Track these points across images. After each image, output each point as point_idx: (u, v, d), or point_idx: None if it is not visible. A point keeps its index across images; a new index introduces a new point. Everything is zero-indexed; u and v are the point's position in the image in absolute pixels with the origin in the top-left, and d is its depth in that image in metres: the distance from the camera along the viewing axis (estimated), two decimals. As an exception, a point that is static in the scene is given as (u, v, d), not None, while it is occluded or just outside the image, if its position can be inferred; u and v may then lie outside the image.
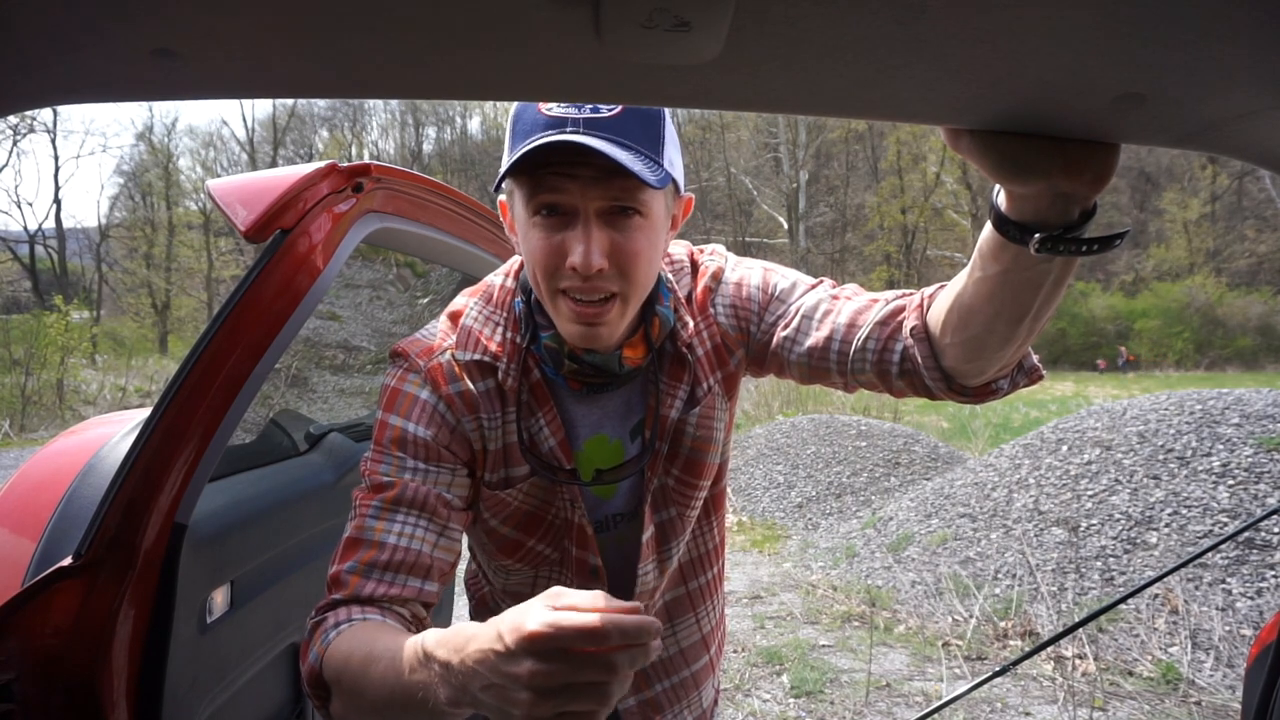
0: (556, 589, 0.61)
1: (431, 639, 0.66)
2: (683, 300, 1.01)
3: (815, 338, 0.94)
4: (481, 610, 1.18)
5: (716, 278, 1.03)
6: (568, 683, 0.56)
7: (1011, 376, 0.88)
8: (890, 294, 0.94)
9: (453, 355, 0.96)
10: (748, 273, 1.03)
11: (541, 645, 0.56)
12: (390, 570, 0.84)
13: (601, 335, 0.89)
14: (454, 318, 0.99)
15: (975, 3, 0.41)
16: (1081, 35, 0.44)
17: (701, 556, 1.12)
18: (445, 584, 0.90)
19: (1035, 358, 0.89)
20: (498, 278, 1.03)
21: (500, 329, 0.97)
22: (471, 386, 0.94)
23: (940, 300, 0.84)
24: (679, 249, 1.07)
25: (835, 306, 0.95)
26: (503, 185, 0.91)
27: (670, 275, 1.03)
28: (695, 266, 1.06)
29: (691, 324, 1.00)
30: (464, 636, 0.62)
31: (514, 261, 1.04)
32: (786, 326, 0.97)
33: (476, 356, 0.95)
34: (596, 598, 0.59)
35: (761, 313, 1.00)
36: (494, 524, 1.00)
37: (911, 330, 0.87)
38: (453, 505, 0.91)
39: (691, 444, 1.01)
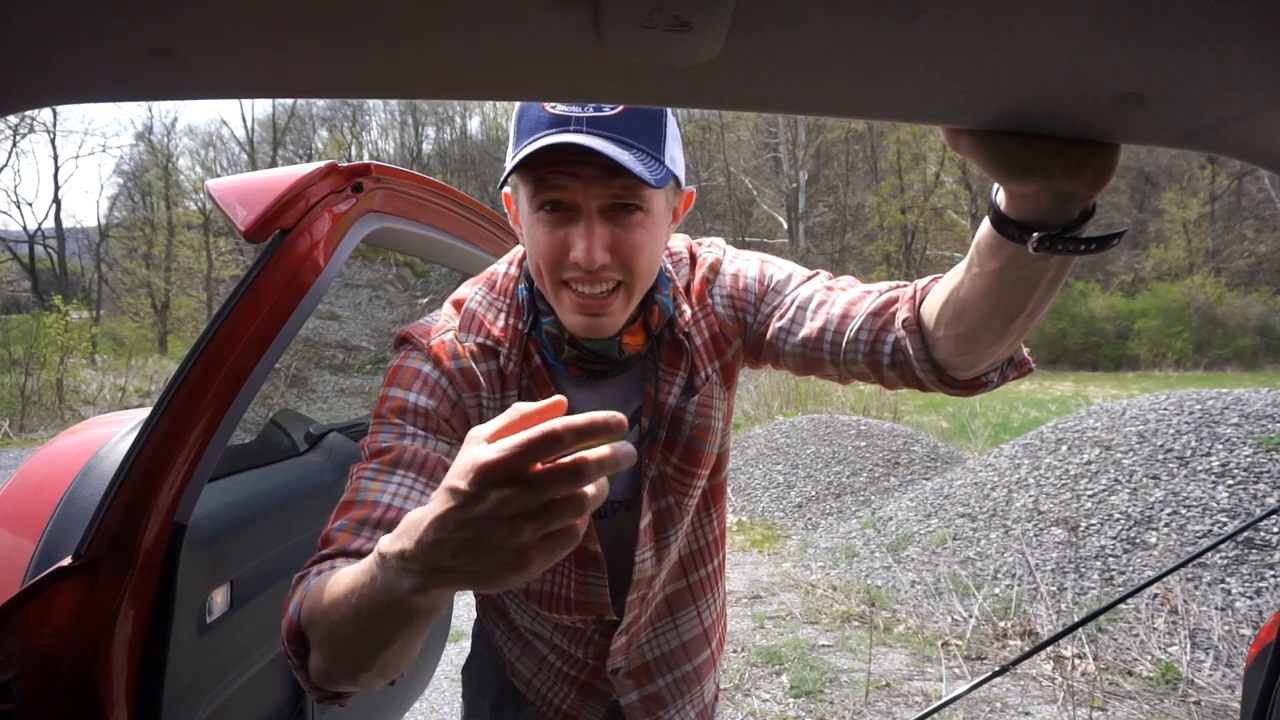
0: (473, 430, 0.58)
1: (385, 540, 0.62)
2: (681, 290, 1.03)
3: (809, 329, 0.95)
4: (487, 605, 1.19)
5: (714, 269, 1.05)
6: (541, 501, 0.52)
7: (1002, 369, 0.88)
8: (884, 285, 0.94)
9: (456, 336, 0.97)
10: (745, 264, 1.04)
11: (502, 472, 0.52)
12: (381, 528, 0.81)
13: (605, 325, 0.91)
14: (457, 304, 1.01)
15: (975, 3, 0.41)
16: (1081, 35, 0.44)
17: (702, 549, 1.12)
18: None
19: (1025, 350, 0.89)
20: (501, 265, 1.04)
21: (503, 315, 0.99)
22: (473, 365, 0.96)
23: (934, 293, 0.84)
24: (678, 242, 1.09)
25: (829, 298, 0.96)
26: (508, 180, 0.92)
27: (669, 265, 1.04)
28: (693, 258, 1.07)
29: (689, 312, 1.02)
30: (414, 519, 0.58)
31: (517, 250, 1.05)
32: (782, 317, 0.98)
33: (479, 339, 0.97)
34: (517, 411, 0.56)
35: (758, 304, 1.01)
36: None
37: (904, 322, 0.87)
38: None
39: (690, 432, 1.02)
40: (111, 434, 1.37)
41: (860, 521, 5.60)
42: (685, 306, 1.02)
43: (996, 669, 1.86)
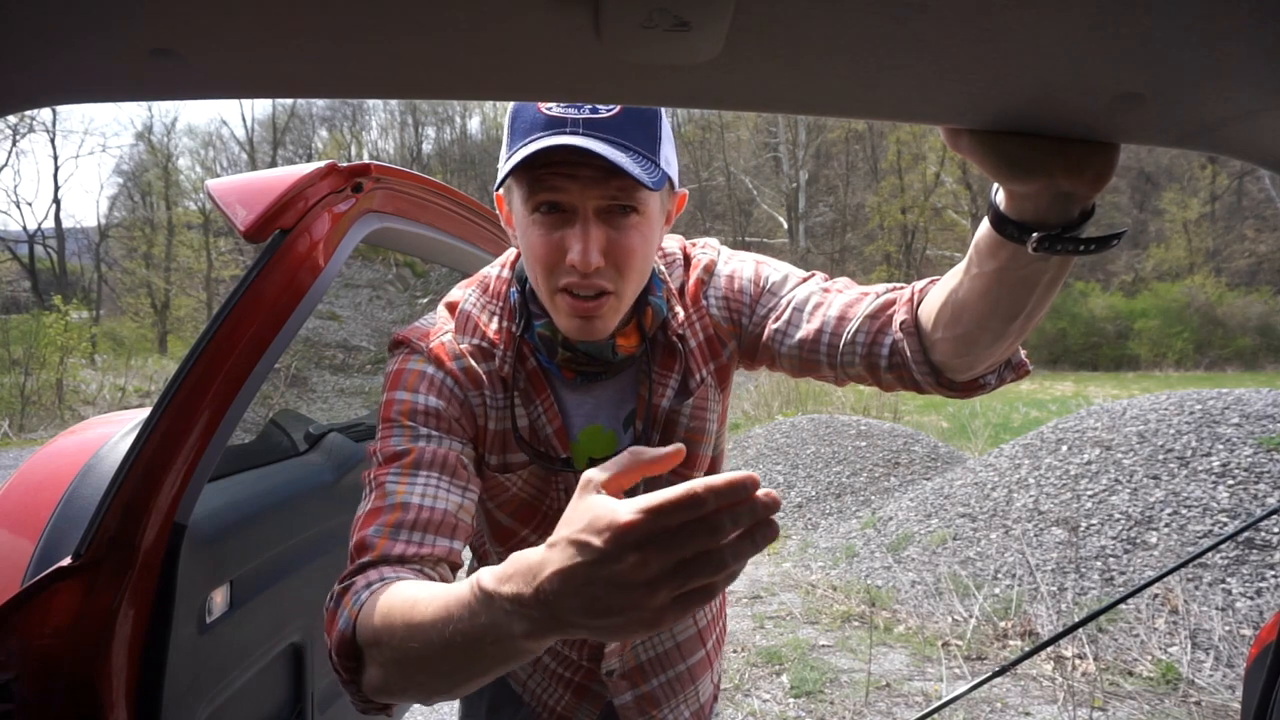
0: (586, 474, 0.56)
1: (488, 577, 0.59)
2: (675, 291, 1.02)
3: (806, 330, 0.95)
4: None
5: (709, 270, 1.04)
6: (678, 561, 0.50)
7: (999, 371, 0.88)
8: (881, 287, 0.94)
9: (453, 338, 0.97)
10: (740, 265, 1.04)
11: (641, 534, 0.50)
12: (418, 529, 0.81)
13: (596, 328, 0.91)
14: (451, 307, 1.01)
15: (975, 2, 0.41)
16: (1081, 35, 0.44)
17: None
18: (466, 544, 0.88)
19: (1022, 353, 0.89)
20: (493, 268, 1.04)
21: (496, 318, 0.99)
22: (474, 364, 0.96)
23: (932, 295, 0.84)
24: (672, 242, 1.08)
25: (826, 299, 0.96)
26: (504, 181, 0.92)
27: (663, 267, 1.04)
28: (688, 259, 1.07)
29: (682, 314, 1.01)
30: (530, 564, 0.56)
31: (509, 253, 1.05)
32: (777, 319, 0.98)
33: (475, 342, 0.97)
34: (635, 457, 0.56)
35: (753, 305, 1.01)
36: (491, 508, 1.02)
37: (901, 324, 0.87)
38: (469, 469, 0.91)
39: (685, 435, 1.02)
40: (111, 434, 1.37)
41: (860, 521, 5.60)
42: (679, 308, 1.01)
43: (996, 669, 1.86)
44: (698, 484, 0.51)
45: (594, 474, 0.56)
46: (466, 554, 1.13)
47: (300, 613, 1.65)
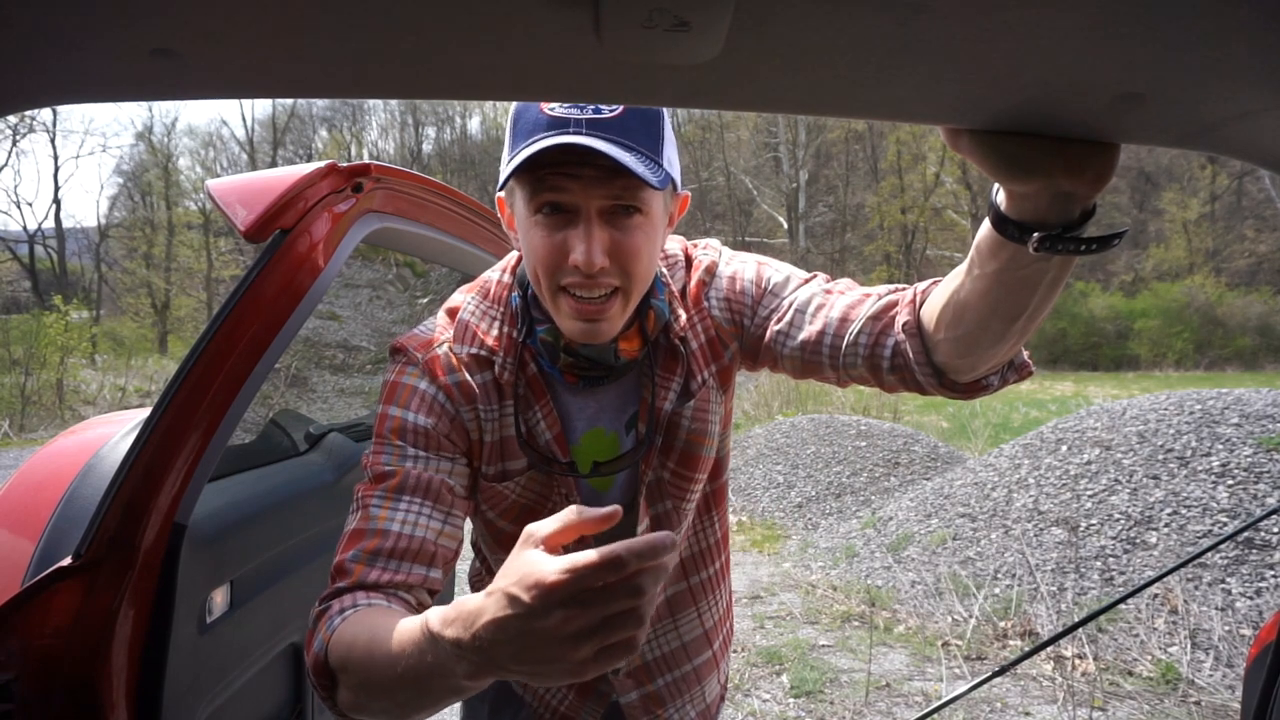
0: (528, 529, 0.61)
1: (435, 618, 0.65)
2: (676, 294, 1.02)
3: (808, 332, 0.95)
4: None
5: (710, 271, 1.04)
6: (602, 618, 0.56)
7: (1001, 373, 0.88)
8: (883, 288, 0.94)
9: (450, 348, 0.97)
10: (741, 267, 1.04)
11: (566, 593, 0.55)
12: (395, 557, 0.84)
13: (602, 331, 0.90)
14: (451, 313, 1.01)
15: (975, 2, 0.41)
16: (1081, 35, 0.44)
17: (703, 552, 1.12)
18: (448, 572, 0.90)
19: (1025, 353, 0.89)
20: (494, 273, 1.03)
21: (497, 324, 0.98)
22: (469, 378, 0.96)
23: (934, 296, 0.84)
24: (673, 244, 1.08)
25: (828, 301, 0.95)
26: (506, 183, 0.92)
27: (665, 269, 1.03)
28: (689, 261, 1.06)
29: (685, 316, 1.01)
30: (469, 611, 0.61)
31: (511, 257, 1.05)
32: (779, 320, 0.98)
33: (473, 350, 0.96)
34: (575, 515, 0.60)
35: (755, 306, 1.01)
36: (491, 517, 1.01)
37: (904, 325, 0.87)
38: (456, 492, 0.92)
39: (687, 437, 1.01)
40: (111, 434, 1.37)
41: (860, 521, 5.60)
42: (681, 311, 1.01)
43: (996, 669, 1.86)
44: (618, 547, 0.55)
45: (536, 529, 0.61)
46: (468, 556, 1.13)
47: (300, 613, 1.65)
